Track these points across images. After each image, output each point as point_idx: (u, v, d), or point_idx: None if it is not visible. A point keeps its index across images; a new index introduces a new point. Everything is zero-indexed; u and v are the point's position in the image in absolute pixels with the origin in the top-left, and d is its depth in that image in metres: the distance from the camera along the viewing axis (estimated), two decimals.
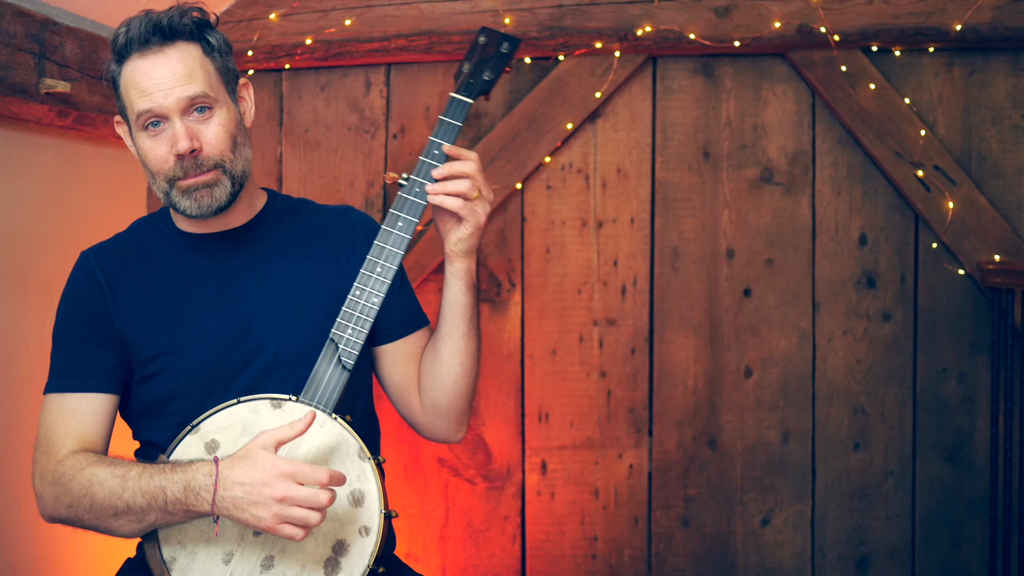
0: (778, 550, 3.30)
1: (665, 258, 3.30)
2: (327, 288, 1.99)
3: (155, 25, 1.88)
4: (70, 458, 1.88)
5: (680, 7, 3.14)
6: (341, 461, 1.84)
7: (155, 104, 1.87)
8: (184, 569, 1.80)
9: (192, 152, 1.88)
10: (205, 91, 1.89)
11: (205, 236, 2.02)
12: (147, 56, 1.88)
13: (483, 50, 2.03)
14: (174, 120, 1.88)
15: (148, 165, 1.93)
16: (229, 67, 1.98)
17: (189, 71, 1.89)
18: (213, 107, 1.91)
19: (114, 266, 2.00)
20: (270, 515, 1.69)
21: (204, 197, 1.91)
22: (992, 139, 3.21)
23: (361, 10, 3.16)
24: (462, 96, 1.99)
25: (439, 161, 1.93)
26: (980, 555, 3.22)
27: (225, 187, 1.92)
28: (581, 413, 3.31)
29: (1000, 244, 3.15)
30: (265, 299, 1.98)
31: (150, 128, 1.90)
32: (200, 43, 1.93)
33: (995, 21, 3.06)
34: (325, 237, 2.08)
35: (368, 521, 1.82)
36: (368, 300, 1.90)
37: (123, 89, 1.92)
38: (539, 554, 3.31)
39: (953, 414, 3.24)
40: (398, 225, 1.93)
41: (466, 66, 2.02)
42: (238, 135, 1.95)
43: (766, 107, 3.28)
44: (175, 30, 1.89)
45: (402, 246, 1.92)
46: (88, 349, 1.96)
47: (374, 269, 1.91)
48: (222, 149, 1.91)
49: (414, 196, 1.93)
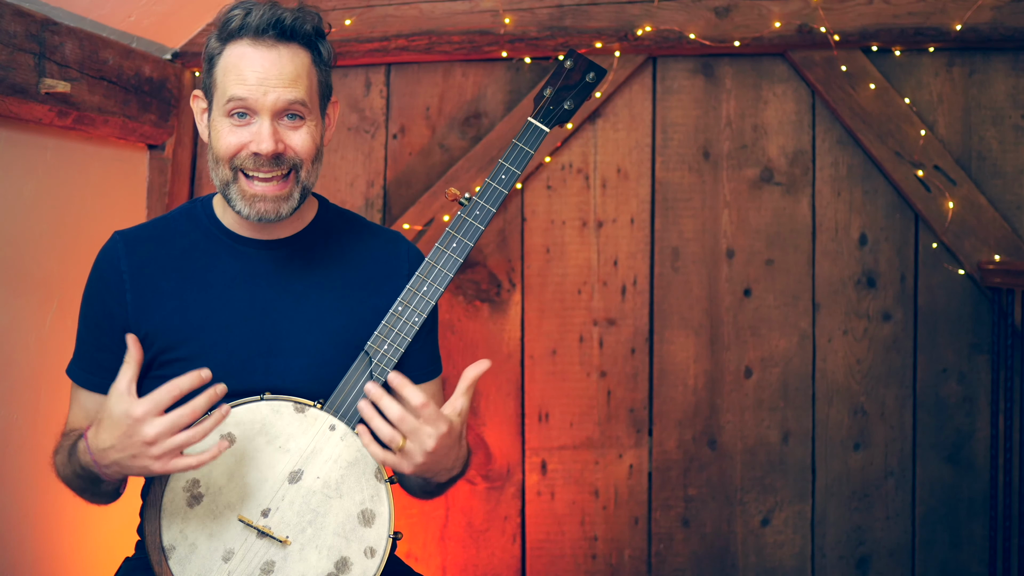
0: (778, 550, 3.29)
1: (665, 258, 3.30)
2: (362, 318, 1.93)
3: (277, 20, 1.82)
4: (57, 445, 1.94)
5: (680, 7, 3.14)
6: (357, 478, 1.82)
7: (252, 97, 1.81)
8: (182, 560, 1.78)
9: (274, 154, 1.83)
10: (304, 100, 1.84)
11: (247, 240, 1.96)
12: (259, 47, 1.82)
13: (568, 75, 1.96)
14: (264, 119, 1.83)
15: (216, 150, 1.87)
16: (328, 83, 1.94)
17: (296, 76, 1.83)
18: (305, 117, 1.86)
19: (142, 256, 1.95)
20: (152, 460, 1.65)
21: (268, 212, 1.86)
22: (992, 139, 3.22)
23: (361, 10, 3.15)
24: (540, 123, 1.93)
25: (506, 188, 1.86)
26: (980, 555, 3.22)
27: (293, 202, 1.88)
28: (581, 413, 3.31)
29: (1000, 244, 3.15)
30: (296, 320, 1.93)
31: (235, 117, 1.84)
32: (312, 52, 1.88)
33: (995, 21, 3.06)
34: (369, 263, 2.01)
35: (375, 543, 1.81)
36: (410, 318, 1.85)
37: (220, 68, 1.85)
38: (539, 554, 3.31)
39: (953, 414, 3.24)
40: (452, 246, 1.87)
41: (548, 91, 1.94)
42: (320, 150, 1.91)
43: (766, 107, 3.28)
44: (295, 32, 1.84)
45: (453, 268, 1.87)
46: (100, 348, 1.94)
47: (421, 287, 1.86)
48: (304, 156, 1.86)
49: (474, 219, 1.88)
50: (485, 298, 3.29)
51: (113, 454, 1.68)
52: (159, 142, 3.08)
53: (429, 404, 1.66)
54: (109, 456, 1.69)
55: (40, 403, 2.60)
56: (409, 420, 1.67)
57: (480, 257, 3.29)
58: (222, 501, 1.79)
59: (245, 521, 1.78)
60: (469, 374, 1.72)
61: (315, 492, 1.81)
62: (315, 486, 1.81)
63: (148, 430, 1.64)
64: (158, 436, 1.64)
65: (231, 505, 1.79)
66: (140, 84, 2.87)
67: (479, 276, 3.30)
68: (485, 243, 3.29)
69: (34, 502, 2.59)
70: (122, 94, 2.78)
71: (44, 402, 2.61)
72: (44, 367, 2.61)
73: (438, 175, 3.28)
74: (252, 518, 1.79)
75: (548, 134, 1.94)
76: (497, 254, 3.30)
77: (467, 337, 3.30)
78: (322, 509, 1.80)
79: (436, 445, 1.69)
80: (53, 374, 2.58)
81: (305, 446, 1.82)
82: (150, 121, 2.94)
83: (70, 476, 1.86)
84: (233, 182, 1.86)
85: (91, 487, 1.84)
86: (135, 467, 1.68)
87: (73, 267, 2.67)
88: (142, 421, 1.64)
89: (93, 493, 1.88)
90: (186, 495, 1.80)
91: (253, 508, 1.79)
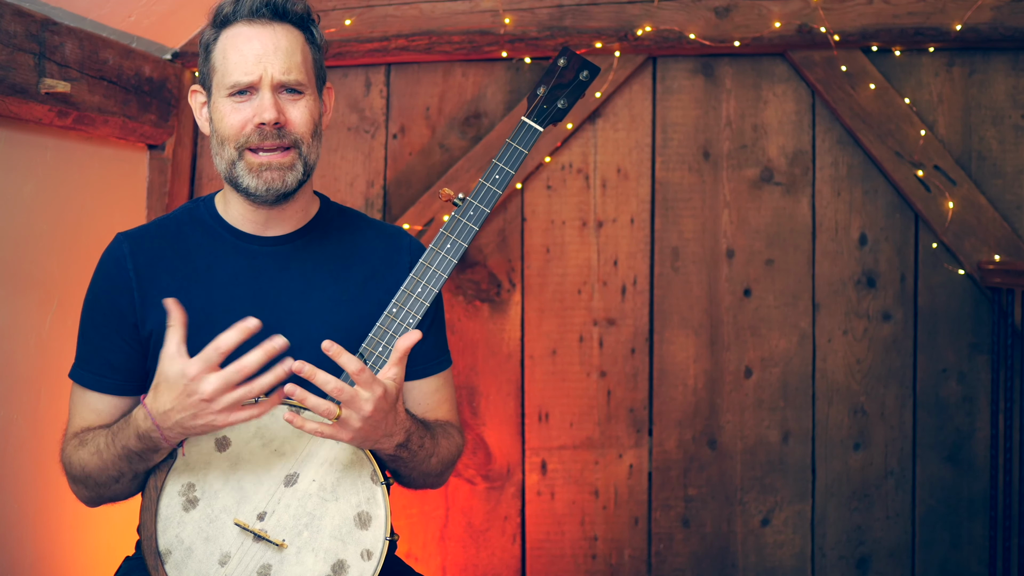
0: (778, 550, 3.30)
1: (665, 258, 3.30)
2: (364, 312, 1.95)
3: (270, 0, 1.88)
4: (68, 445, 1.93)
5: (680, 7, 3.13)
6: (352, 481, 1.83)
7: (252, 72, 1.86)
8: (178, 564, 1.78)
9: (276, 124, 1.86)
10: (302, 74, 1.89)
11: (250, 237, 1.98)
12: (254, 25, 1.88)
13: (561, 74, 1.97)
14: (264, 91, 1.86)
15: (220, 131, 1.90)
16: (322, 65, 1.98)
17: (291, 50, 1.88)
18: (304, 92, 1.90)
19: (146, 255, 1.96)
20: (214, 416, 1.67)
21: (275, 180, 1.88)
22: (992, 139, 3.21)
23: (361, 10, 3.15)
24: (533, 122, 1.93)
25: (500, 188, 1.87)
26: (980, 555, 3.22)
27: (297, 173, 1.90)
28: (581, 413, 3.31)
29: (1000, 244, 3.15)
30: (299, 316, 1.95)
31: (237, 96, 1.87)
32: (304, 32, 1.93)
33: (995, 21, 3.06)
34: (371, 258, 2.03)
35: (371, 545, 1.81)
36: (404, 319, 1.86)
37: (218, 52, 1.89)
38: (539, 554, 3.32)
39: (953, 414, 3.24)
40: (446, 247, 1.89)
41: (541, 89, 1.95)
42: (318, 126, 1.94)
43: (766, 107, 3.27)
44: (287, 11, 1.90)
45: (448, 269, 1.88)
46: (107, 348, 1.94)
47: (415, 289, 1.87)
48: (304, 131, 1.90)
49: (467, 219, 1.89)
50: (485, 298, 3.29)
51: (174, 415, 1.69)
52: (159, 142, 3.08)
53: (365, 369, 1.69)
54: (171, 418, 1.70)
55: (40, 403, 2.61)
56: (347, 389, 1.69)
57: (480, 257, 3.29)
58: (218, 505, 1.80)
59: (241, 525, 1.79)
60: (401, 344, 1.74)
61: (311, 495, 1.81)
62: (311, 489, 1.81)
63: (205, 387, 1.65)
64: (215, 392, 1.65)
65: (227, 509, 1.80)
66: (140, 84, 2.88)
67: (479, 276, 3.30)
68: (485, 243, 3.29)
69: (34, 502, 2.60)
70: (122, 94, 2.78)
71: (44, 402, 2.62)
72: (44, 367, 2.61)
73: (438, 175, 3.28)
74: (248, 522, 1.79)
75: (542, 133, 1.94)
76: (497, 254, 3.30)
77: (467, 337, 3.30)
78: (318, 512, 1.81)
79: (372, 409, 1.71)
80: (53, 374, 2.59)
81: (301, 449, 1.82)
82: (150, 121, 2.94)
83: (110, 461, 1.82)
84: (239, 159, 1.89)
85: (138, 463, 1.80)
86: (197, 425, 1.70)
87: (73, 267, 2.67)
88: (198, 379, 1.65)
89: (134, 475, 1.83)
90: (182, 499, 1.80)
91: (249, 512, 1.80)
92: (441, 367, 2.09)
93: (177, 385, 1.67)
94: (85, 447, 1.88)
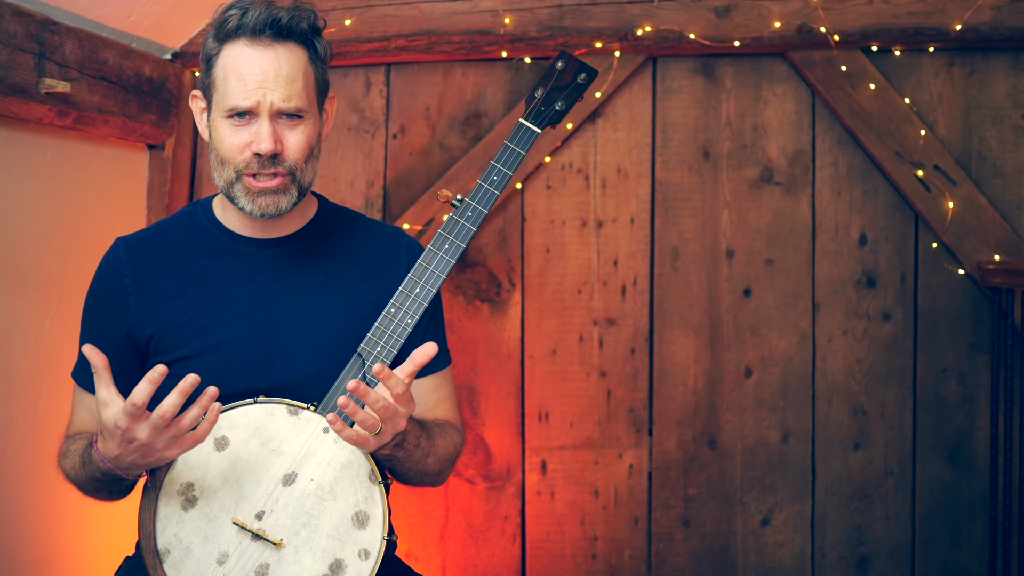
0: (778, 550, 3.30)
1: (665, 258, 3.30)
2: (362, 313, 1.95)
3: (274, 20, 1.85)
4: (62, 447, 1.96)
5: (680, 7, 3.13)
6: (351, 480, 1.83)
7: (250, 98, 1.83)
8: (176, 563, 1.78)
9: (272, 154, 1.85)
10: (302, 99, 1.87)
11: (248, 240, 1.98)
12: (256, 47, 1.85)
13: (559, 76, 1.97)
14: (263, 118, 1.85)
15: (219, 152, 1.89)
16: (325, 79, 1.96)
17: (293, 76, 1.86)
18: (303, 117, 1.89)
19: (144, 259, 1.97)
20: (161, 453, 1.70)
21: (270, 206, 1.88)
22: (992, 139, 3.21)
23: (361, 10, 3.16)
24: (531, 124, 1.94)
25: (498, 189, 1.88)
26: (980, 555, 3.22)
27: (292, 196, 1.90)
28: (581, 413, 3.31)
29: (1000, 244, 3.15)
30: (297, 317, 1.95)
31: (235, 118, 1.86)
32: (308, 49, 1.90)
33: (995, 21, 3.05)
34: (369, 259, 2.03)
35: (369, 545, 1.81)
36: (402, 320, 1.86)
37: (218, 70, 1.87)
38: (539, 554, 3.32)
39: (953, 414, 3.24)
40: (444, 247, 1.89)
41: (539, 91, 1.95)
42: (315, 148, 1.93)
43: (766, 107, 3.27)
44: (292, 30, 1.86)
45: (446, 270, 1.88)
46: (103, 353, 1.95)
47: (413, 289, 1.88)
48: (299, 158, 1.88)
49: (465, 220, 1.89)
50: (485, 298, 3.29)
51: (126, 458, 1.72)
52: (159, 142, 3.08)
53: (407, 391, 1.72)
54: (123, 460, 1.72)
55: (40, 403, 2.61)
56: (390, 406, 1.72)
57: (480, 257, 3.29)
58: (216, 504, 1.80)
59: (239, 524, 1.79)
60: (417, 357, 1.73)
61: (309, 494, 1.81)
62: (309, 488, 1.81)
63: (139, 435, 1.68)
64: (149, 438, 1.68)
65: (225, 508, 1.80)
66: (140, 84, 2.88)
67: (479, 276, 3.30)
68: (485, 243, 3.29)
69: (34, 502, 2.60)
70: (122, 94, 2.79)
71: (44, 402, 2.62)
72: (44, 367, 2.61)
73: (438, 175, 3.29)
74: (246, 521, 1.79)
75: (540, 135, 1.95)
76: (497, 254, 3.30)
77: (467, 337, 3.30)
78: (316, 511, 1.81)
79: (405, 424, 1.78)
80: (53, 374, 2.59)
81: (299, 448, 1.82)
82: (150, 121, 2.95)
83: (86, 480, 1.87)
84: (237, 182, 1.88)
85: (113, 486, 1.86)
86: (150, 462, 1.73)
87: (73, 267, 2.68)
88: (131, 429, 1.67)
89: (110, 492, 1.90)
90: (180, 499, 1.80)
91: (247, 511, 1.80)
92: (440, 366, 2.09)
93: (116, 434, 1.68)
94: (67, 459, 1.92)
